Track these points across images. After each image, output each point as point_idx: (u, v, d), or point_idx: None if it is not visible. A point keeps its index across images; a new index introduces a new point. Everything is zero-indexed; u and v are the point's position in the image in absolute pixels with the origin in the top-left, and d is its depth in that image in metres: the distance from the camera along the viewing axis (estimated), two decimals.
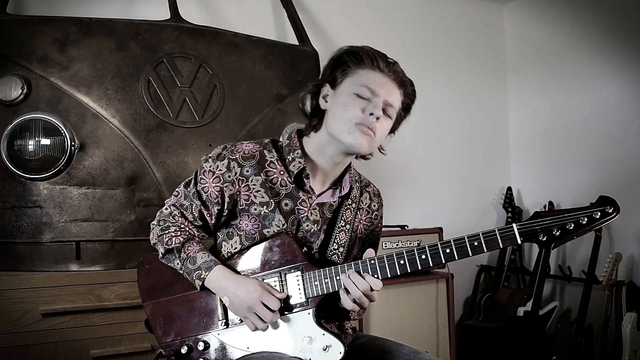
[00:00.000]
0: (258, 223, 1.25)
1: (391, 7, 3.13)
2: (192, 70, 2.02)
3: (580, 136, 3.10)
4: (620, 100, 2.91)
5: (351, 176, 1.33)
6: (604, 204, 1.12)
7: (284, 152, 1.29)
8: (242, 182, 1.24)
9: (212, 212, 1.27)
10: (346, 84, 1.24)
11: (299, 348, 1.19)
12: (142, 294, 1.34)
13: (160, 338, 1.31)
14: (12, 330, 1.68)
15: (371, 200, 1.41)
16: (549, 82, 3.27)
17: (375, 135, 1.22)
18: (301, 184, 1.27)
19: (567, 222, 1.10)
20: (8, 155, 1.80)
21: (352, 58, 1.25)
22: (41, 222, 1.84)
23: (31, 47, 1.85)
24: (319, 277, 1.20)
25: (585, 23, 3.06)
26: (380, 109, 1.22)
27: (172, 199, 1.32)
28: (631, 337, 2.54)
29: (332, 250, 1.30)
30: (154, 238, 1.30)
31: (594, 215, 1.10)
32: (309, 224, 1.27)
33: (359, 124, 1.20)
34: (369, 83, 1.22)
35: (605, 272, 2.68)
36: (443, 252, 1.14)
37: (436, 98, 3.26)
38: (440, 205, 3.24)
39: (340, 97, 1.24)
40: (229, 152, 1.25)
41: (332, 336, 1.18)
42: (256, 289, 1.18)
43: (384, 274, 1.18)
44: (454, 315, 2.70)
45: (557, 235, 1.10)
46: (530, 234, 1.11)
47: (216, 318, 1.25)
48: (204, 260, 1.24)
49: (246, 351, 1.23)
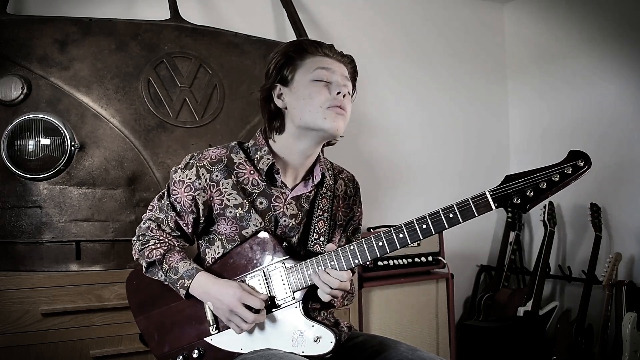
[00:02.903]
0: (236, 225, 1.25)
1: (391, 8, 3.13)
2: (192, 70, 2.02)
3: (579, 136, 3.10)
4: (620, 100, 2.91)
5: (321, 165, 1.33)
6: (575, 158, 1.08)
7: (250, 153, 1.29)
8: (214, 187, 1.24)
9: (187, 221, 1.28)
10: (299, 77, 1.24)
11: (291, 343, 1.20)
12: (133, 309, 1.36)
13: (155, 350, 1.32)
14: (12, 330, 1.68)
15: (346, 186, 1.41)
16: (549, 82, 3.28)
17: (346, 112, 1.23)
18: (273, 181, 1.28)
19: (539, 181, 1.08)
20: (8, 155, 1.80)
21: (296, 52, 1.26)
22: (41, 222, 1.84)
23: (31, 47, 1.85)
24: (301, 270, 1.20)
25: (585, 23, 3.06)
26: (342, 85, 1.23)
27: (148, 213, 1.33)
28: (631, 337, 2.54)
29: (313, 241, 1.30)
30: (136, 253, 1.32)
31: (565, 171, 1.07)
32: (286, 219, 1.28)
33: (331, 107, 1.20)
34: (323, 65, 1.23)
35: (605, 272, 2.68)
36: (420, 228, 1.14)
37: (436, 98, 3.26)
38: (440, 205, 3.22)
39: (299, 90, 1.23)
40: (197, 159, 1.26)
41: (321, 326, 1.19)
42: (235, 292, 1.19)
43: (364, 258, 1.17)
44: (454, 315, 2.70)
45: (530, 196, 1.08)
46: (504, 198, 1.10)
47: (207, 324, 1.26)
48: (186, 269, 1.25)
49: (240, 352, 1.24)
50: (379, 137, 3.04)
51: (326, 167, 1.35)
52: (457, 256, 3.06)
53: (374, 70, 3.00)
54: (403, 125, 3.15)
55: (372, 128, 3.00)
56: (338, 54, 1.28)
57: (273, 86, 1.27)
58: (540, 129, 3.35)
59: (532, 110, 3.40)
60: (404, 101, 3.15)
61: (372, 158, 2.97)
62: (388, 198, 3.04)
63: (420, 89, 3.22)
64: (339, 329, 1.34)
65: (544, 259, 2.93)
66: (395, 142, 3.10)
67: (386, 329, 2.49)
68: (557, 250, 3.17)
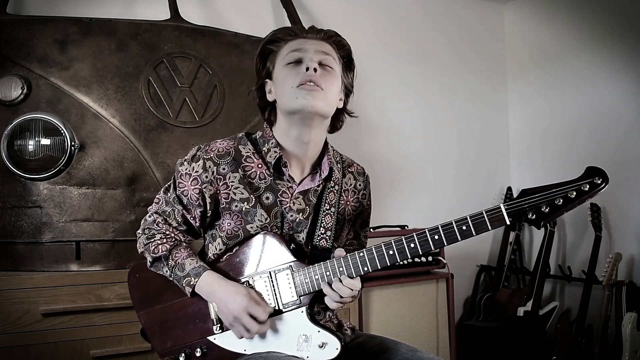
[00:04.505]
0: (240, 219, 1.23)
1: (391, 8, 3.13)
2: (192, 70, 2.02)
3: (580, 136, 3.10)
4: (620, 100, 2.91)
5: (329, 158, 1.30)
6: (592, 175, 1.06)
7: (259, 145, 1.27)
8: (220, 181, 1.22)
9: (194, 214, 1.26)
10: (277, 66, 1.24)
11: (296, 347, 1.19)
12: (134, 303, 1.34)
13: (157, 346, 1.31)
14: (12, 330, 1.68)
15: (356, 180, 1.38)
16: (549, 82, 3.27)
17: (323, 88, 1.18)
18: (280, 174, 1.25)
19: (555, 197, 1.06)
20: (8, 155, 1.80)
21: (272, 43, 1.26)
22: (41, 222, 1.84)
23: (31, 47, 1.85)
24: (309, 275, 1.18)
25: (585, 23, 3.06)
26: (315, 61, 1.19)
27: (153, 206, 1.31)
28: (631, 337, 2.54)
29: (320, 235, 1.28)
30: (141, 247, 1.30)
31: (582, 188, 1.05)
32: (293, 214, 1.25)
33: (300, 85, 1.17)
34: (294, 46, 1.22)
35: (605, 272, 2.68)
36: (432, 239, 1.11)
37: (436, 98, 3.26)
38: (440, 205, 3.24)
39: (277, 78, 1.24)
40: (203, 152, 1.24)
41: (327, 333, 1.17)
42: (242, 300, 1.16)
43: (373, 266, 1.15)
44: (454, 315, 2.70)
45: (546, 212, 1.06)
46: (519, 213, 1.07)
47: (211, 323, 1.24)
48: (193, 267, 1.22)
49: (243, 353, 1.22)
50: (379, 137, 3.04)
51: (335, 160, 1.32)
52: (457, 256, 3.06)
53: (374, 70, 3.00)
54: (403, 125, 3.15)
55: (372, 128, 3.00)
56: (314, 32, 1.24)
57: (264, 82, 1.28)
58: (540, 129, 3.35)
59: (532, 110, 3.40)
60: (404, 101, 3.15)
61: (372, 158, 2.97)
62: (388, 198, 3.04)
63: (420, 89, 3.22)
64: (342, 331, 1.33)
65: (544, 259, 2.93)
66: (395, 142, 3.10)
67: (386, 329, 2.48)
68: (557, 250, 3.17)
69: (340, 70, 1.26)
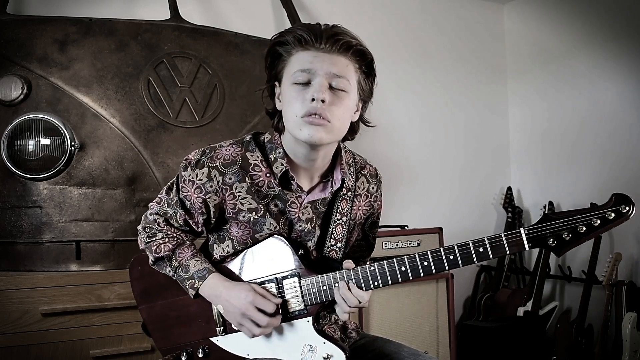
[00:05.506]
0: (249, 229, 1.19)
1: (391, 8, 3.13)
2: (192, 70, 2.02)
3: (580, 136, 3.10)
4: (620, 100, 2.90)
5: (342, 168, 1.23)
6: (618, 203, 1.00)
7: (267, 150, 1.20)
8: (227, 191, 1.16)
9: (197, 220, 1.22)
10: (285, 77, 1.14)
11: (300, 356, 1.17)
12: (136, 297, 1.32)
13: (158, 343, 1.29)
14: (12, 330, 1.68)
15: (369, 183, 1.33)
16: (549, 82, 3.27)
17: (331, 121, 1.09)
18: (288, 185, 1.19)
19: (578, 224, 1.00)
20: (8, 155, 1.80)
21: (283, 47, 1.13)
22: (41, 222, 1.84)
23: (31, 47, 1.85)
24: (317, 285, 1.15)
25: (585, 23, 3.06)
26: (323, 90, 1.08)
27: (155, 206, 1.26)
28: (631, 337, 2.54)
29: (330, 247, 1.24)
30: (142, 244, 1.27)
31: (607, 216, 1.00)
32: (302, 223, 1.21)
33: (305, 117, 1.08)
34: (302, 65, 1.10)
35: (605, 272, 2.68)
36: (446, 259, 1.08)
37: (436, 98, 3.26)
38: (441, 205, 3.24)
39: (284, 93, 1.14)
40: (209, 158, 1.16)
41: (333, 345, 1.15)
42: (247, 294, 1.13)
43: (384, 281, 1.12)
44: (454, 315, 2.70)
45: (567, 239, 1.01)
46: (539, 239, 1.02)
47: (214, 324, 1.22)
48: (197, 269, 1.19)
49: (246, 357, 1.21)
50: (379, 137, 3.03)
51: (347, 165, 1.26)
52: None
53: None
54: (403, 125, 3.14)
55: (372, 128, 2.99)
56: (330, 43, 1.10)
57: (273, 84, 1.20)
58: (540, 129, 3.34)
59: (532, 110, 3.40)
60: (404, 101, 3.15)
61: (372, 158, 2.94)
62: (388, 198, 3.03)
63: (420, 89, 3.22)
64: (347, 334, 1.32)
65: (544, 259, 2.93)
66: (395, 142, 3.10)
67: (386, 329, 2.48)
68: None
69: (357, 84, 1.18)
